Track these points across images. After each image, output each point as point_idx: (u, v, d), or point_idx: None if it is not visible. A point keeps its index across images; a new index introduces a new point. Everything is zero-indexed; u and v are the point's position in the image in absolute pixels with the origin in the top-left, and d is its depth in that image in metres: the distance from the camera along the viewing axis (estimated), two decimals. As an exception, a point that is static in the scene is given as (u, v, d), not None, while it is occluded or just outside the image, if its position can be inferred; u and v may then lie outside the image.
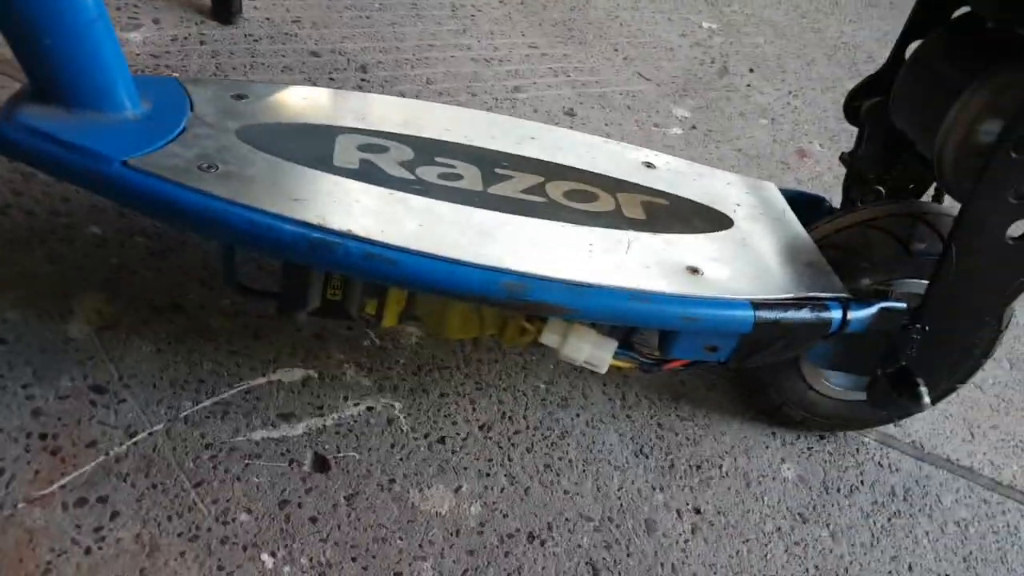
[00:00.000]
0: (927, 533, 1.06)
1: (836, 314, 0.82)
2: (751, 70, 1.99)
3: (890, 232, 0.90)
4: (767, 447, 1.09)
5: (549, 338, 0.80)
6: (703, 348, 0.84)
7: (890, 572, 1.00)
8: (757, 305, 0.79)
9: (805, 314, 0.80)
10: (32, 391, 0.86)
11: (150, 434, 0.86)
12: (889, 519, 1.05)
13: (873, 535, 1.03)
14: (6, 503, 0.77)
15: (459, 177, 0.83)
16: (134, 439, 0.85)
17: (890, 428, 1.17)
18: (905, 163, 0.98)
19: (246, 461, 0.86)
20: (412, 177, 0.80)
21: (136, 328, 0.95)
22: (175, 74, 1.33)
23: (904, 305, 0.86)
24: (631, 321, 0.76)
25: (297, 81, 1.41)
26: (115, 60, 0.75)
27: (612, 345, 0.82)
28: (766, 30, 2.23)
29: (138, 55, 1.36)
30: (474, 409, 1.00)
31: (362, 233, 0.70)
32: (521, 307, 0.72)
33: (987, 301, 0.86)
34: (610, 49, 1.86)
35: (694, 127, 1.68)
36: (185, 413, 0.89)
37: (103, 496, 0.79)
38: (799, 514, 1.02)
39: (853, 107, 1.00)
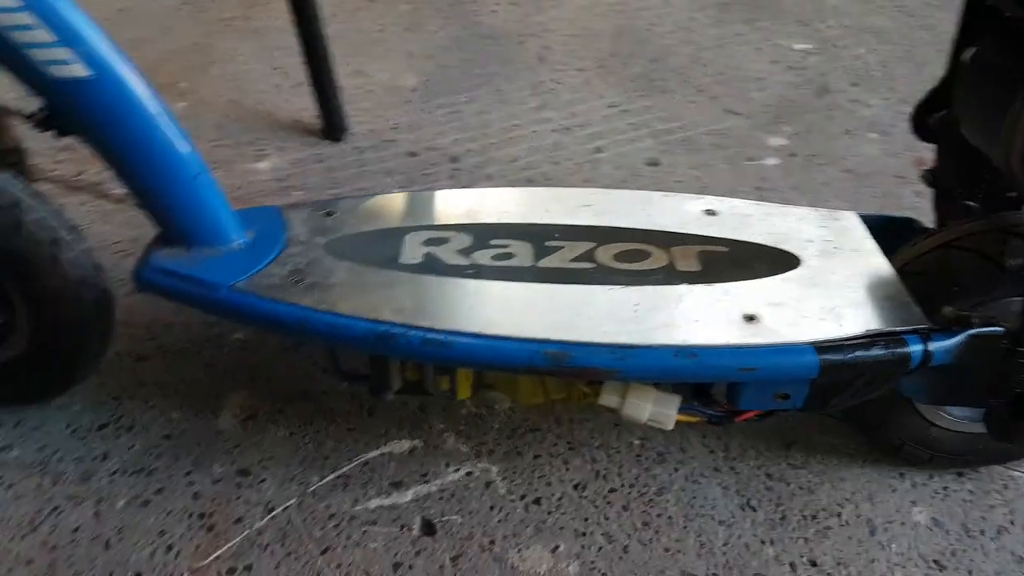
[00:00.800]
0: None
1: (915, 348, 0.78)
2: (854, 84, 1.94)
3: (977, 250, 0.85)
4: (894, 490, 1.02)
5: (608, 399, 0.85)
6: (773, 397, 0.83)
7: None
8: (821, 348, 0.77)
9: (878, 351, 0.78)
10: (192, 477, 1.02)
11: (285, 508, 0.99)
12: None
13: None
14: (175, 573, 0.92)
15: (511, 256, 0.91)
16: (272, 513, 0.98)
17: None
18: (988, 174, 0.93)
19: (364, 528, 0.96)
20: (468, 263, 0.89)
21: (272, 416, 1.10)
22: (300, 192, 1.53)
23: (1000, 329, 0.80)
24: (681, 377, 0.78)
25: (398, 182, 1.56)
26: (219, 204, 0.91)
27: (675, 401, 0.85)
28: (868, 39, 2.16)
29: (266, 181, 1.57)
30: (568, 469, 1.04)
31: (418, 322, 0.80)
32: (567, 373, 0.77)
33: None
34: (694, 92, 1.89)
35: (793, 155, 1.67)
36: (313, 488, 1.01)
37: (248, 564, 0.93)
38: (934, 561, 0.94)
39: (922, 122, 0.96)
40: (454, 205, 1.01)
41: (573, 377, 0.79)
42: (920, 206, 1.51)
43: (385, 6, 2.31)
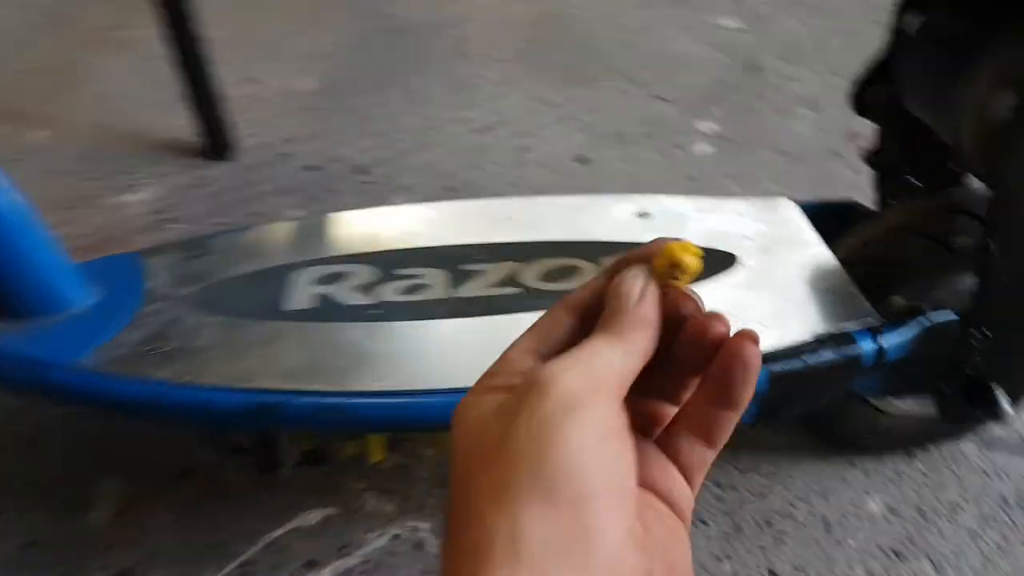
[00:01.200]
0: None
1: (867, 347, 0.73)
2: (785, 60, 1.89)
3: (925, 233, 0.80)
4: (846, 481, 0.99)
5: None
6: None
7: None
8: (768, 359, 0.71)
9: (828, 355, 0.72)
10: (65, 589, 0.87)
11: (179, 613, 0.85)
12: (1003, 534, 0.93)
13: (986, 557, 0.91)
14: None
15: (423, 287, 0.80)
16: (164, 621, 0.85)
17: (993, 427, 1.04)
18: (933, 151, 0.88)
19: (279, 623, 0.84)
20: (370, 302, 0.78)
21: (153, 503, 0.95)
22: (180, 226, 1.37)
23: (952, 315, 0.76)
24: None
25: (298, 202, 1.43)
26: (52, 261, 0.75)
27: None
28: (799, 11, 2.12)
29: (140, 216, 1.40)
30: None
31: (309, 385, 0.68)
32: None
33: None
34: (622, 79, 1.80)
35: (726, 139, 1.60)
36: (212, 583, 0.88)
37: None
38: (892, 550, 0.91)
39: (861, 99, 0.91)
40: (351, 230, 0.90)
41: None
42: (857, 183, 1.46)
43: (279, 3, 2.16)
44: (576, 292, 0.36)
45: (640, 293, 0.33)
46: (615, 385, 0.30)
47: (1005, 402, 0.77)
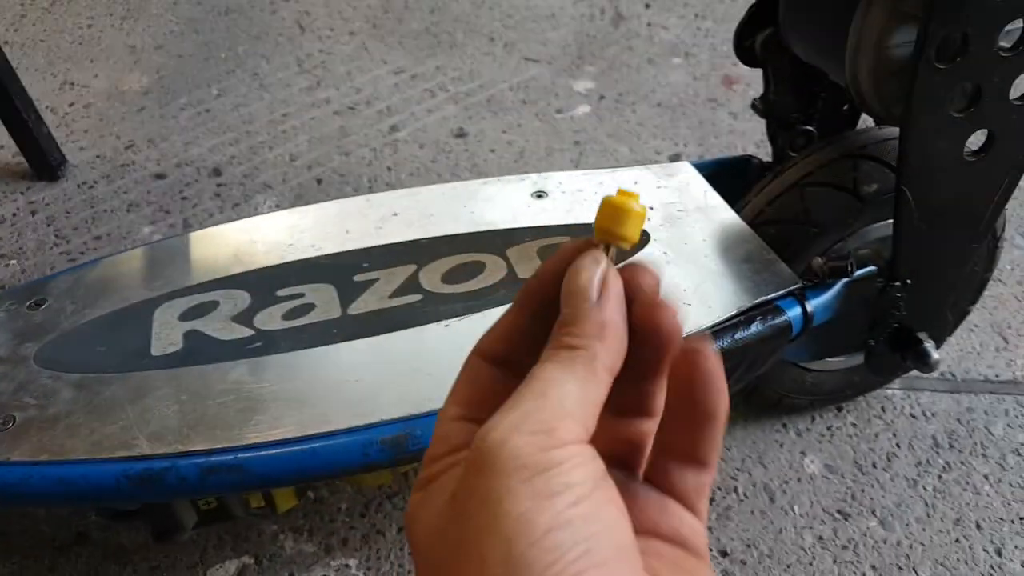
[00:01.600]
0: (986, 477, 0.96)
1: (793, 312, 0.71)
2: (647, 5, 1.86)
3: (830, 183, 0.79)
4: (781, 444, 0.98)
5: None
6: (659, 405, 0.73)
7: (957, 540, 0.90)
8: None
9: (757, 328, 0.69)
10: None
11: None
12: (940, 477, 0.95)
13: (927, 503, 0.93)
14: None
15: (310, 308, 0.71)
16: None
17: (914, 370, 1.06)
18: (826, 95, 0.87)
19: None
20: (249, 333, 0.69)
21: (45, 580, 0.84)
22: (12, 263, 1.21)
23: (872, 268, 0.75)
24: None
25: (148, 216, 1.29)
26: None
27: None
28: (650, -46, 2.10)
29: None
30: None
31: (192, 445, 0.59)
32: (416, 458, 0.60)
33: (968, 228, 0.75)
34: (486, 41, 1.73)
35: (602, 97, 1.56)
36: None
37: None
38: (838, 511, 0.92)
39: (745, 47, 0.88)
40: (214, 250, 0.80)
41: (420, 459, 0.61)
42: (738, 128, 1.46)
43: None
44: (489, 331, 0.30)
45: (599, 286, 0.27)
46: (577, 426, 0.25)
47: (933, 350, 0.77)
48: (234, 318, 0.71)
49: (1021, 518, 0.92)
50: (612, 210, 0.28)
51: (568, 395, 0.25)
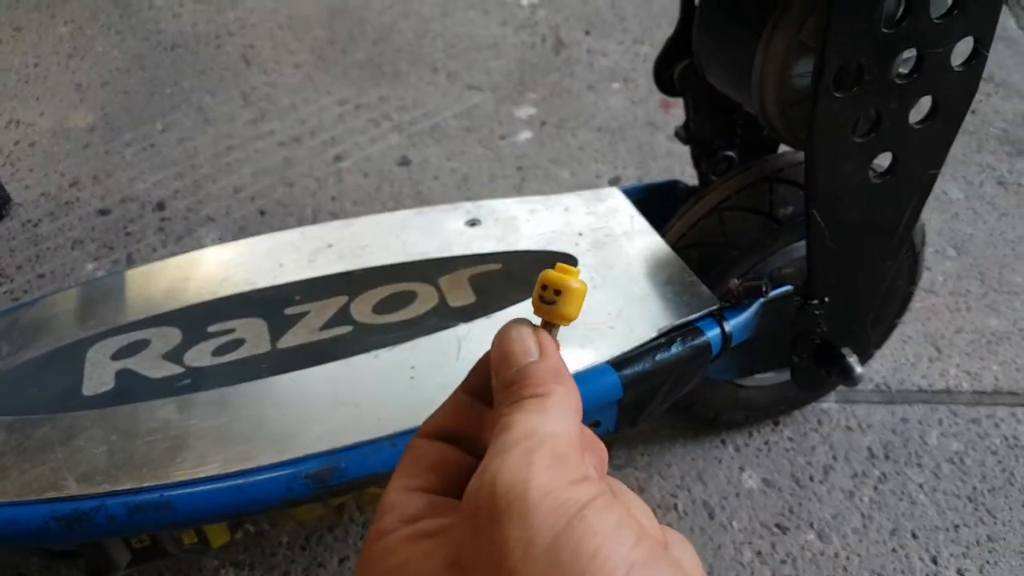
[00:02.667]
0: (921, 486, 0.98)
1: (712, 333, 0.73)
2: (587, 32, 1.91)
3: (747, 207, 0.82)
4: (720, 460, 1.01)
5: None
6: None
7: (894, 550, 0.92)
8: (618, 364, 0.70)
9: (677, 349, 0.71)
10: None
11: None
12: (876, 488, 0.98)
13: (864, 515, 0.95)
14: None
15: (240, 343, 0.73)
16: None
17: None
18: (744, 122, 0.90)
19: None
20: (180, 370, 0.70)
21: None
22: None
23: (790, 288, 0.78)
24: (480, 448, 0.66)
25: (92, 252, 1.29)
26: None
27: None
28: (591, -19, 2.15)
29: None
30: (385, 562, 0.89)
31: (119, 484, 0.59)
32: (341, 491, 0.61)
33: (882, 245, 0.78)
34: (429, 71, 1.76)
35: (544, 123, 1.59)
36: None
37: None
38: (776, 525, 0.94)
39: (664, 78, 0.91)
40: (147, 288, 0.81)
41: (351, 491, 0.62)
42: (675, 150, 1.50)
43: (36, 33, 1.95)
44: (430, 419, 0.31)
45: (536, 344, 0.28)
46: (581, 461, 0.24)
47: (856, 364, 0.80)
48: (165, 356, 0.72)
49: (956, 526, 0.95)
50: (552, 288, 0.28)
51: (560, 432, 0.25)
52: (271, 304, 0.77)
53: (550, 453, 0.23)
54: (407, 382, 0.67)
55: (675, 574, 0.22)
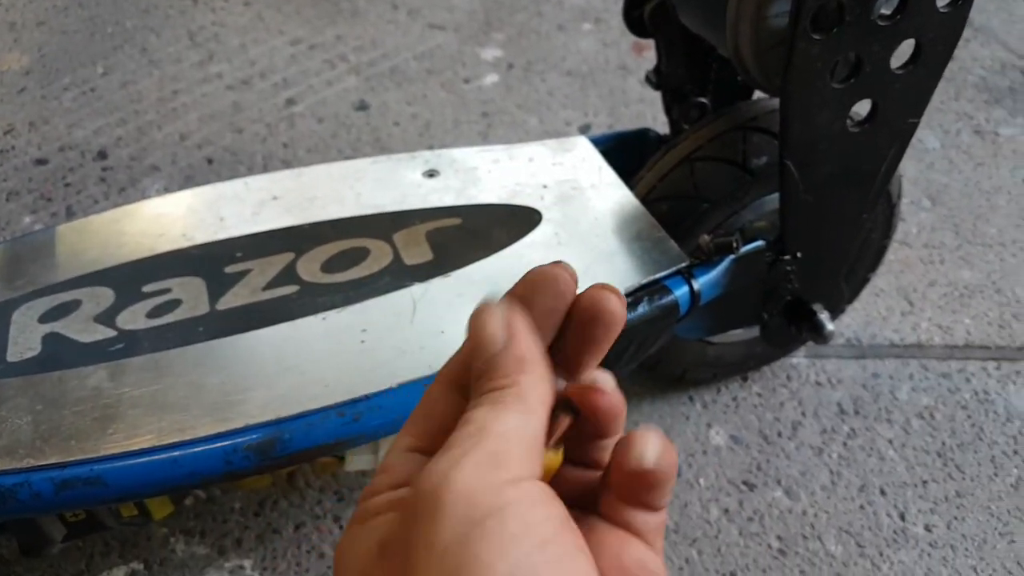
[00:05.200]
0: (891, 442, 0.98)
1: (680, 291, 0.71)
2: (557, -31, 1.84)
3: (719, 158, 0.79)
4: (687, 417, 0.99)
5: (357, 463, 0.67)
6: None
7: (862, 506, 0.92)
8: None
9: (643, 309, 0.69)
10: None
11: None
12: (845, 444, 0.98)
13: (832, 471, 0.95)
14: None
15: (176, 304, 0.68)
16: None
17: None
18: (718, 67, 0.86)
19: None
20: (112, 334, 0.66)
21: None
22: None
23: (761, 243, 0.75)
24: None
25: (29, 205, 1.23)
26: None
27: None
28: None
29: None
30: (341, 527, 0.87)
31: (45, 458, 0.56)
32: (284, 463, 0.58)
33: (857, 198, 0.76)
34: (389, 8, 1.69)
35: (511, 66, 1.54)
36: None
37: None
38: (744, 483, 0.93)
39: (635, 17, 0.87)
40: (82, 243, 0.76)
41: (297, 463, 0.59)
42: (649, 97, 1.46)
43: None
44: (450, 361, 0.29)
45: (504, 328, 0.26)
46: (526, 460, 0.23)
47: (827, 321, 0.78)
48: (96, 318, 0.68)
49: (924, 482, 0.95)
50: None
51: (509, 429, 0.24)
52: (210, 262, 0.73)
53: (486, 452, 0.23)
54: (357, 346, 0.64)
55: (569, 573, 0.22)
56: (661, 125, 0.99)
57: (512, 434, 0.24)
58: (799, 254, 0.76)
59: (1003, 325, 1.13)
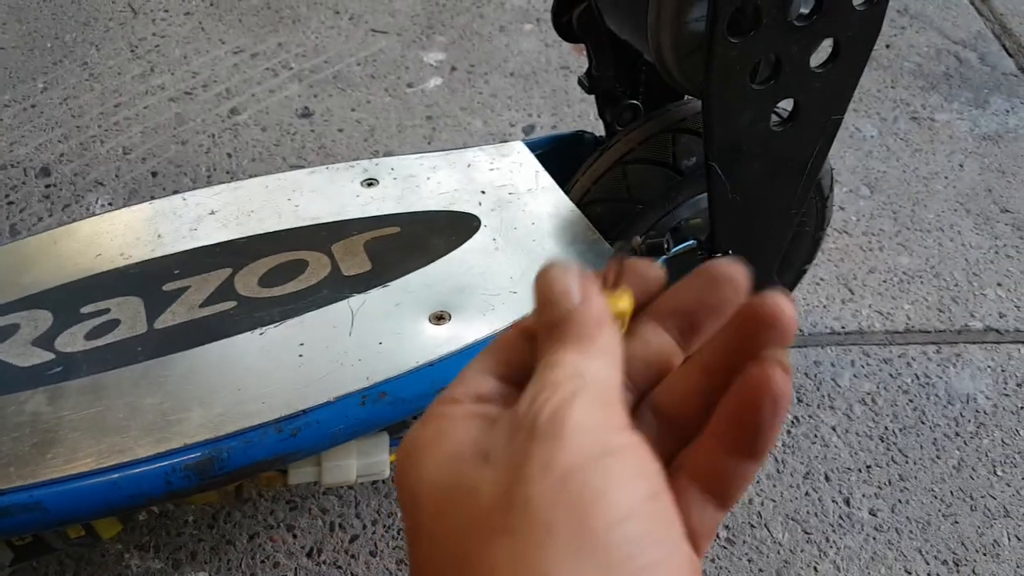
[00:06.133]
0: (834, 428, 1.01)
1: (617, 293, 0.72)
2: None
3: (650, 159, 0.81)
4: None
5: (300, 475, 0.68)
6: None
7: (807, 493, 0.95)
8: None
9: (581, 312, 0.70)
10: None
11: None
12: (788, 432, 1.00)
13: (777, 459, 0.97)
14: None
15: (115, 324, 0.69)
16: None
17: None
18: (647, 70, 0.88)
19: None
20: (50, 357, 0.66)
21: None
22: None
23: (692, 242, 0.77)
24: (375, 426, 0.64)
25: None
26: None
27: (384, 441, 0.71)
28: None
29: None
30: (295, 536, 0.88)
31: (-18, 487, 0.56)
32: (224, 481, 0.59)
33: (786, 194, 0.78)
34: (331, 14, 1.69)
35: (454, 68, 1.55)
36: None
37: None
38: None
39: (563, 22, 0.88)
40: (19, 265, 0.76)
41: (238, 480, 0.60)
42: (591, 97, 1.46)
43: None
44: (528, 316, 0.30)
45: (579, 289, 0.27)
46: (625, 411, 0.25)
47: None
48: (34, 341, 0.68)
49: (868, 467, 0.98)
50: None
51: (606, 378, 0.25)
52: (149, 280, 0.73)
53: (595, 396, 0.24)
54: (295, 361, 0.65)
55: (672, 535, 0.23)
56: (585, 130, 1.01)
57: (607, 382, 0.25)
58: (730, 251, 0.78)
59: (942, 309, 1.16)
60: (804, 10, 0.66)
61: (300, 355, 0.65)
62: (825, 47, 0.68)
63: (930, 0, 1.77)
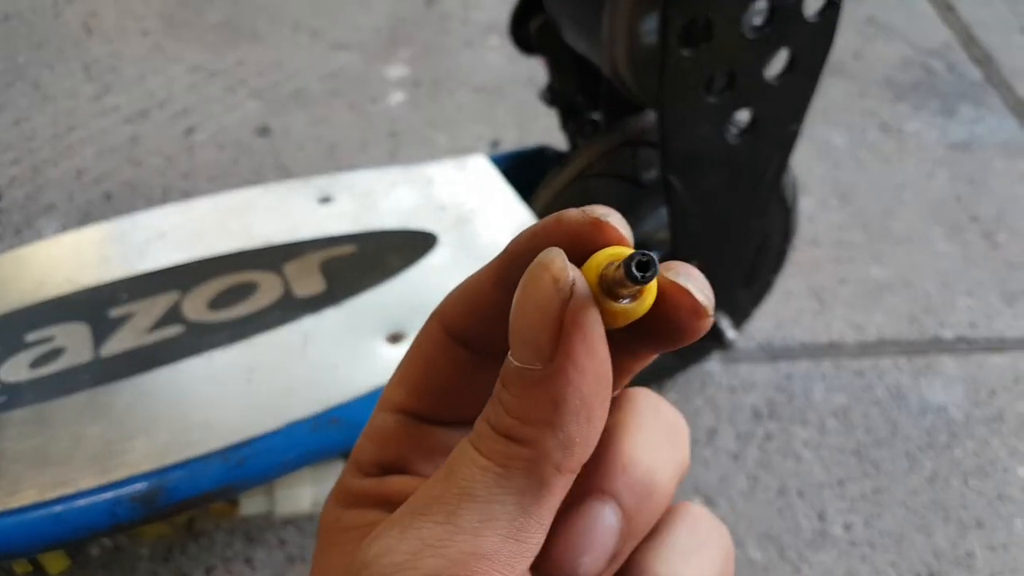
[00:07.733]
0: (806, 443, 1.02)
1: (575, 308, 0.72)
2: (462, -16, 1.86)
3: (611, 173, 0.82)
4: (607, 431, 1.01)
5: (252, 505, 0.68)
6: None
7: (780, 509, 0.95)
8: None
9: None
10: None
11: None
12: (761, 448, 1.01)
13: (749, 476, 0.98)
14: None
15: (59, 352, 0.68)
16: None
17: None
18: (605, 81, 0.89)
19: None
20: (-10, 388, 0.65)
21: None
22: None
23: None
24: (330, 453, 0.64)
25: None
26: None
27: (340, 468, 0.71)
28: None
29: None
30: (253, 568, 0.87)
31: (-86, 523, 0.55)
32: (170, 512, 0.59)
33: (747, 206, 0.79)
34: (290, 30, 1.69)
35: (418, 84, 1.56)
36: None
37: None
38: None
39: (521, 35, 0.89)
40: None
41: (185, 511, 0.60)
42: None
43: None
44: (448, 298, 0.22)
45: (554, 326, 0.18)
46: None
47: (728, 329, 0.81)
48: (-27, 372, 0.67)
49: (841, 481, 0.98)
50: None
51: (496, 522, 0.18)
52: (95, 306, 0.73)
53: (449, 559, 0.19)
54: (243, 387, 0.65)
55: None
56: (547, 145, 1.02)
57: (497, 529, 0.18)
58: (693, 262, 0.79)
59: (913, 320, 1.18)
60: (757, 22, 0.68)
61: (249, 380, 0.65)
62: (781, 57, 0.70)
63: (897, 10, 1.80)
